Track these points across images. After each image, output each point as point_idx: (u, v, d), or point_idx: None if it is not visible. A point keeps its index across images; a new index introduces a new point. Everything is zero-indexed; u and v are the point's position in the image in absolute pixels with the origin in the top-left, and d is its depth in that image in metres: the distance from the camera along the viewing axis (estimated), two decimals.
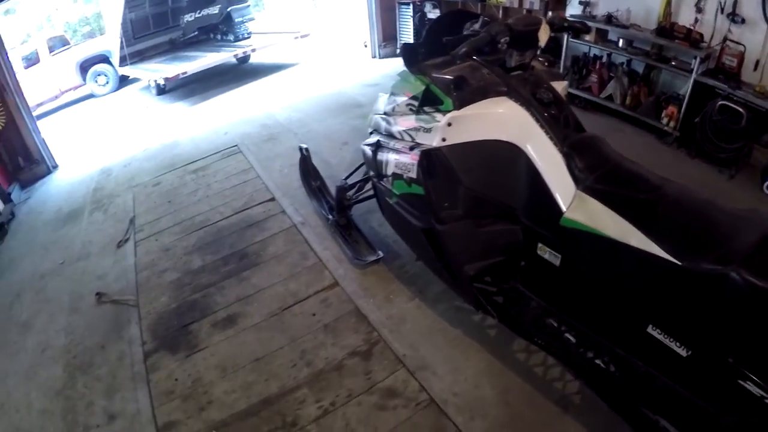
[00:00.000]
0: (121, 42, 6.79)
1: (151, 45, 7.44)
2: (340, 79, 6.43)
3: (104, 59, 7.41)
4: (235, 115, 5.40)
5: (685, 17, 4.31)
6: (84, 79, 7.39)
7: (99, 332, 2.69)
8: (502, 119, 1.83)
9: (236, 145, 4.64)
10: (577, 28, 2.18)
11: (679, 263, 1.30)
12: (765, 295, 1.16)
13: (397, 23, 6.93)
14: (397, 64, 6.95)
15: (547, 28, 1.91)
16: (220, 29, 7.35)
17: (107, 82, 7.50)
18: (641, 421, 1.61)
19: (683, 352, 1.37)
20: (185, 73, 5.94)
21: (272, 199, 3.72)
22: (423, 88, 2.05)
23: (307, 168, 3.64)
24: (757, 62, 3.95)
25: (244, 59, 7.12)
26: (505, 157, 1.83)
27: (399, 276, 2.86)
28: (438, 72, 1.99)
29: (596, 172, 1.63)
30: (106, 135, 5.81)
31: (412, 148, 2.11)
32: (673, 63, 4.30)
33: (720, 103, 3.88)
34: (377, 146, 2.44)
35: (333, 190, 3.56)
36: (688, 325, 1.36)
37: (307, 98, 5.78)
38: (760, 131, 3.86)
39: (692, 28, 4.16)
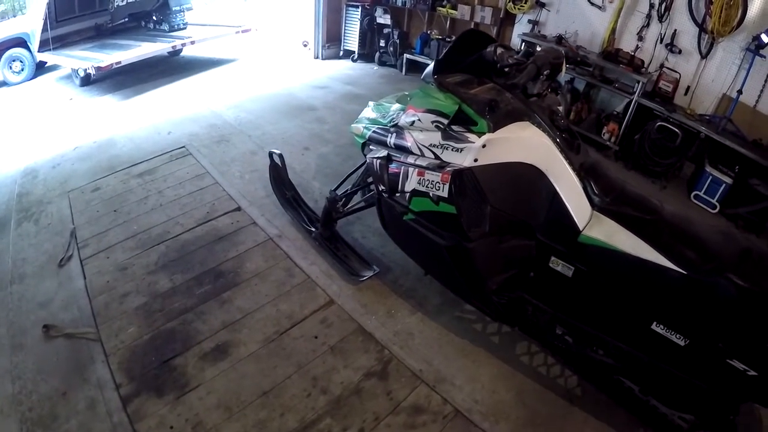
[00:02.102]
0: (45, 24, 5.84)
1: (75, 30, 6.44)
2: (285, 80, 6.09)
3: (21, 43, 6.31)
4: (177, 113, 4.84)
5: (627, 43, 4.79)
6: None
7: (56, 375, 2.21)
8: (527, 143, 1.97)
9: (184, 146, 4.15)
10: (585, 62, 2.35)
11: (684, 272, 1.65)
12: (749, 294, 1.57)
13: (343, 25, 6.77)
14: (341, 67, 7.04)
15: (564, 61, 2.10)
16: (154, 18, 6.61)
17: (22, 69, 6.33)
18: (635, 403, 2.03)
19: (682, 342, 1.71)
20: (120, 62, 5.22)
21: (238, 209, 3.38)
22: (454, 106, 2.04)
23: (279, 176, 3.36)
24: (688, 88, 4.59)
25: (176, 52, 6.48)
26: (527, 178, 1.98)
27: (395, 290, 2.78)
28: (467, 92, 2.03)
29: (608, 195, 1.91)
30: (25, 130, 4.90)
31: (441, 167, 2.07)
32: (616, 85, 4.73)
33: (659, 123, 4.37)
34: (387, 160, 2.31)
35: (308, 200, 3.37)
36: (687, 320, 1.70)
37: (254, 98, 5.38)
38: (689, 149, 4.42)
39: (634, 54, 4.61)
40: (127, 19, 6.83)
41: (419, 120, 2.16)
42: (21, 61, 6.36)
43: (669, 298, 1.72)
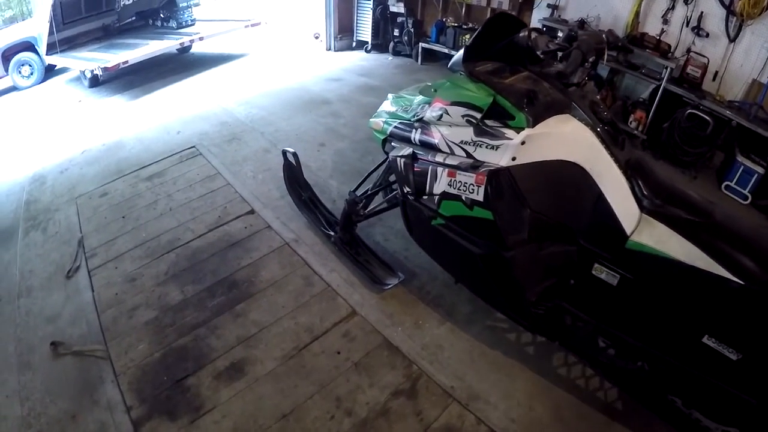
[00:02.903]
0: (51, 27, 5.74)
1: (83, 31, 6.38)
2: (297, 73, 5.88)
3: (29, 47, 6.28)
4: (186, 111, 4.68)
5: (651, 27, 4.54)
6: (6, 70, 6.22)
7: (65, 396, 2.07)
8: (569, 139, 1.76)
9: (194, 146, 3.99)
10: (626, 47, 2.12)
11: (742, 283, 1.48)
12: None
13: (355, 15, 6.56)
14: (354, 58, 6.81)
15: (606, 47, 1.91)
16: (161, 15, 6.48)
17: (32, 73, 6.31)
18: (678, 417, 1.82)
19: (733, 356, 1.56)
20: (126, 62, 5.07)
21: (251, 212, 3.20)
22: (488, 98, 1.81)
23: (294, 176, 3.18)
24: (716, 73, 4.34)
25: (185, 49, 6.33)
26: (570, 178, 1.78)
27: (422, 298, 2.58)
28: (502, 82, 1.81)
29: (658, 196, 1.72)
30: (34, 134, 4.78)
31: (475, 167, 1.85)
32: (642, 71, 4.49)
33: (689, 111, 4.11)
34: (413, 159, 2.10)
35: (325, 201, 3.18)
36: (742, 334, 1.55)
37: (265, 93, 5.19)
38: (719, 137, 4.15)
39: (660, 38, 4.36)
40: (134, 18, 6.73)
41: (448, 114, 1.94)
42: (30, 65, 6.32)
43: (723, 310, 1.56)
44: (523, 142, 1.74)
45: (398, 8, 6.22)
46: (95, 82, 5.75)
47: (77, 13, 6.22)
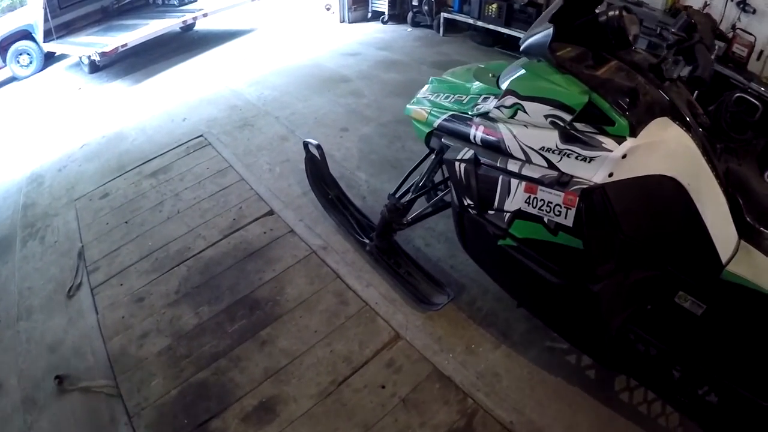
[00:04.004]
0: (45, 12, 5.41)
1: (81, 15, 6.00)
2: (311, 48, 5.41)
3: (27, 35, 5.99)
4: (192, 95, 4.26)
5: (694, 0, 4.07)
6: (4, 61, 5.99)
7: None
8: (671, 150, 1.45)
9: (201, 135, 3.59)
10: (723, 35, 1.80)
11: None
12: None
13: None
14: (370, 30, 6.29)
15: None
16: None
17: (30, 62, 6.05)
18: None
19: None
20: (125, 45, 4.65)
21: (270, 213, 2.84)
22: (582, 97, 1.40)
23: (318, 171, 2.79)
24: (761, 52, 3.91)
25: (189, 27, 5.88)
26: (665, 196, 1.48)
27: (472, 316, 2.25)
28: (599, 76, 1.44)
29: (759, 219, 1.51)
30: (33, 128, 4.42)
31: (563, 183, 1.47)
32: (658, 32, 4.05)
33: (738, 95, 3.73)
34: (476, 164, 1.72)
35: (354, 198, 2.81)
36: None
37: (278, 71, 4.75)
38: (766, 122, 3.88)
39: (706, 13, 3.95)
40: None
41: (524, 111, 1.53)
42: (28, 54, 6.05)
43: None
44: (624, 156, 1.37)
45: None
46: (95, 67, 5.40)
47: None
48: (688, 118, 1.51)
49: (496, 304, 2.31)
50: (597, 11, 1.65)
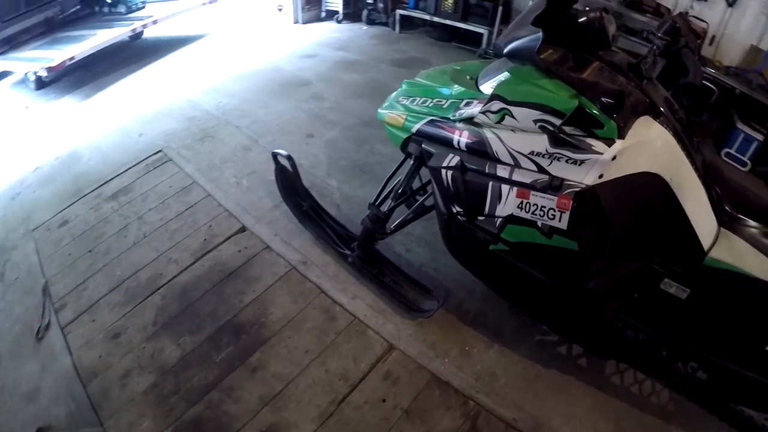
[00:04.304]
0: None
1: (24, 28, 5.45)
2: (266, 52, 5.24)
3: None
4: (147, 108, 4.02)
5: None
6: None
7: None
8: (655, 148, 1.51)
9: (161, 151, 3.41)
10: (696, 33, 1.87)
11: None
12: None
13: None
14: (326, 30, 6.16)
15: None
16: (108, 0, 5.62)
17: None
18: (726, 411, 1.90)
19: None
20: (73, 58, 4.30)
21: (243, 229, 2.74)
22: (572, 102, 1.41)
23: (290, 183, 2.70)
24: (713, 38, 4.21)
25: (138, 35, 5.52)
26: (649, 192, 1.55)
27: (463, 318, 2.27)
28: (587, 80, 1.46)
29: (736, 208, 1.65)
30: None
31: (555, 187, 1.49)
32: (644, 35, 4.33)
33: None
34: (463, 171, 1.70)
35: (328, 207, 2.76)
36: None
37: (234, 77, 4.56)
38: (721, 105, 4.07)
39: (659, 2, 4.15)
40: (79, 7, 5.81)
41: (512, 116, 1.52)
42: None
43: None
44: (614, 157, 1.40)
45: None
46: (41, 84, 4.98)
47: (16, 9, 5.31)
48: (667, 116, 1.55)
49: (484, 304, 2.34)
50: (572, 11, 1.66)
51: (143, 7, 5.59)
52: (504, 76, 1.61)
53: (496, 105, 1.56)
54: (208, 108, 3.99)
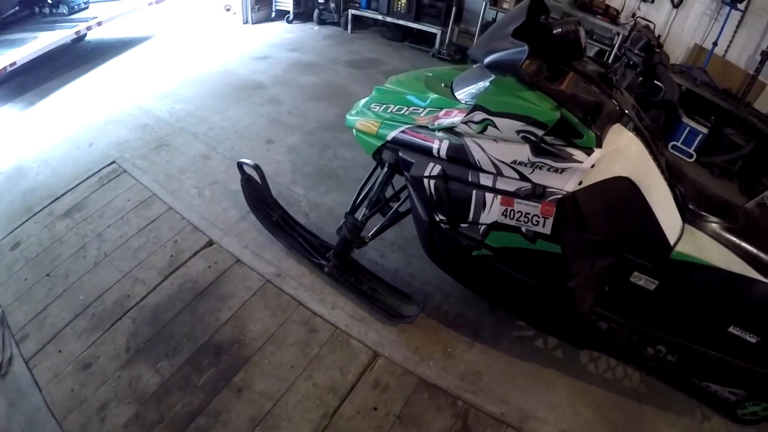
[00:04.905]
0: None
1: None
2: (218, 54, 5.06)
3: None
4: (95, 116, 3.76)
5: None
6: None
7: None
8: (626, 154, 1.63)
9: (114, 162, 3.21)
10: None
11: None
12: None
13: None
14: (277, 30, 6.00)
15: None
16: (49, 1, 5.13)
17: None
18: (693, 388, 2.12)
19: (753, 340, 1.74)
20: (14, 64, 3.90)
21: (210, 243, 2.65)
22: (554, 113, 1.48)
23: (258, 194, 2.65)
24: (659, 37, 4.56)
25: (81, 38, 5.09)
26: (621, 194, 1.67)
27: (443, 320, 2.34)
28: (567, 93, 1.53)
29: (698, 205, 1.79)
30: None
31: (538, 195, 1.57)
32: (593, 37, 4.52)
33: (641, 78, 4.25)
34: (445, 179, 1.74)
35: (296, 215, 2.75)
36: (764, 322, 1.71)
37: (186, 81, 4.37)
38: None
39: (608, 4, 4.39)
40: (17, 8, 5.29)
41: (495, 126, 1.57)
42: None
43: (752, 306, 1.71)
44: (593, 165, 1.49)
45: None
46: None
47: None
48: (635, 123, 1.66)
49: (462, 305, 2.41)
50: (545, 22, 1.73)
51: (86, 8, 5.20)
52: (485, 87, 1.66)
53: (479, 115, 1.60)
54: (161, 115, 3.81)
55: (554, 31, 1.64)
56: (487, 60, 1.58)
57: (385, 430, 1.88)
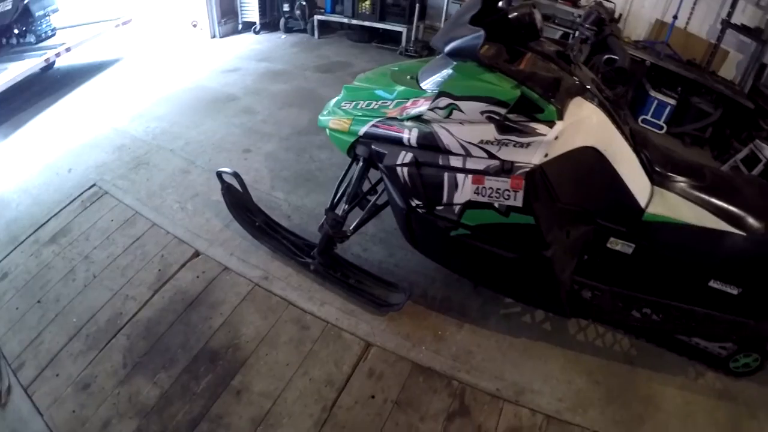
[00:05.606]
0: None
1: None
2: (188, 70, 5.08)
3: None
4: (72, 141, 3.76)
5: None
6: None
7: None
8: (588, 124, 1.71)
9: (95, 185, 3.22)
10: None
11: (744, 234, 1.72)
12: None
13: None
14: (245, 42, 6.05)
15: None
16: (16, 30, 5.03)
17: None
18: (682, 346, 2.17)
19: (735, 291, 1.81)
20: None
21: (197, 254, 2.68)
22: (515, 92, 1.56)
23: (239, 201, 2.70)
24: (620, 16, 4.75)
25: (50, 65, 5.05)
26: (588, 163, 1.75)
27: (430, 305, 2.41)
28: (525, 71, 1.62)
29: (664, 167, 1.87)
30: None
31: (507, 170, 1.64)
32: (555, 21, 4.62)
33: (607, 56, 4.34)
34: (417, 166, 1.80)
35: (279, 219, 2.80)
36: (742, 273, 1.80)
37: (159, 100, 4.38)
38: (635, 77, 4.59)
39: None
40: None
41: (460, 110, 1.64)
42: None
43: (728, 258, 1.78)
44: (556, 137, 1.57)
45: None
46: None
47: None
48: (596, 95, 1.74)
49: (447, 289, 2.48)
50: (501, 8, 1.80)
51: (54, 35, 5.15)
52: (448, 74, 1.73)
53: (444, 101, 1.67)
54: (137, 134, 3.82)
55: (510, 16, 1.72)
56: (448, 48, 1.66)
57: (384, 417, 1.93)
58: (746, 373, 2.13)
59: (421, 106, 1.77)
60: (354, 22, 5.46)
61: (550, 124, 1.55)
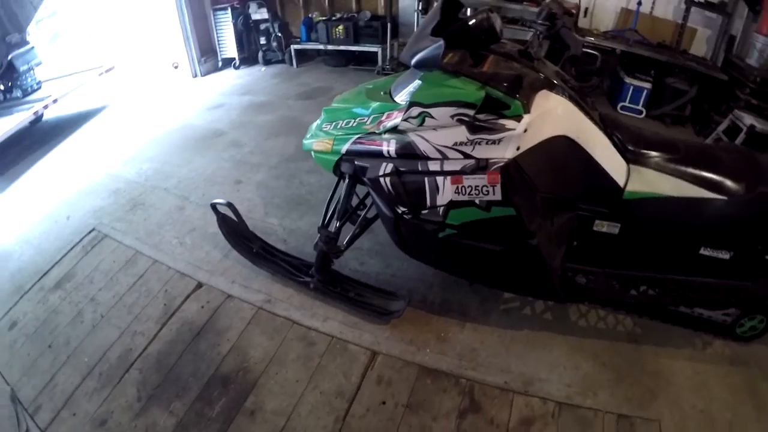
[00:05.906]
0: None
1: None
2: (173, 111, 5.21)
3: None
4: (67, 190, 3.86)
5: None
6: None
7: None
8: (556, 114, 1.80)
9: (94, 229, 3.30)
10: (569, 12, 2.21)
11: (725, 198, 1.77)
12: None
13: (214, 32, 6.02)
14: (227, 78, 6.23)
15: None
16: (1, 86, 5.17)
17: None
18: (686, 318, 2.18)
19: (727, 256, 1.87)
20: None
21: (200, 285, 2.75)
22: (479, 93, 1.66)
23: (235, 230, 2.78)
24: (586, 10, 4.92)
25: (37, 119, 5.16)
26: (562, 151, 1.83)
27: (430, 310, 2.48)
28: (486, 72, 1.73)
29: (637, 145, 1.93)
30: None
31: (482, 167, 1.74)
32: (522, 23, 4.79)
33: (570, 54, 4.55)
34: (399, 174, 1.90)
35: (275, 244, 2.87)
36: (730, 237, 1.85)
37: (148, 142, 4.50)
38: (607, 66, 4.71)
39: None
40: None
41: (431, 117, 1.75)
42: None
43: (714, 224, 1.83)
44: (525, 130, 1.67)
45: (261, 15, 5.83)
46: None
47: None
48: (561, 86, 1.84)
49: (445, 292, 2.55)
50: (461, 17, 1.91)
51: (39, 88, 5.28)
52: (416, 84, 1.84)
53: (416, 110, 1.78)
54: (130, 177, 3.92)
55: (470, 23, 1.82)
56: (413, 60, 1.78)
57: (397, 421, 1.98)
58: (754, 336, 2.16)
59: (396, 118, 1.88)
60: (330, 47, 5.65)
61: (518, 118, 1.65)
